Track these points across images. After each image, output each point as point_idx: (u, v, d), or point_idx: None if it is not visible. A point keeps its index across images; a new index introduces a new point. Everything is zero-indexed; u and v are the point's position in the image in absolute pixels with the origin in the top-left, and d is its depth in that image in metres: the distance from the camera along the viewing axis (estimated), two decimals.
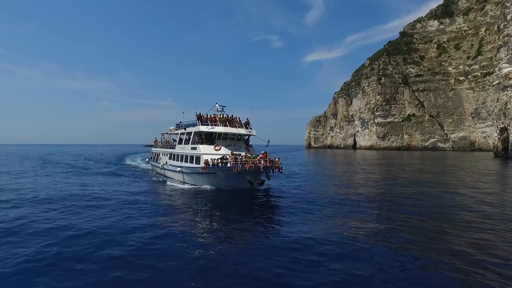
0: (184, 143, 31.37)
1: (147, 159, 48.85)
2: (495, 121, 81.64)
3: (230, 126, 29.29)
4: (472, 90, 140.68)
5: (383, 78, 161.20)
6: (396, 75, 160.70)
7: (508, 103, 72.27)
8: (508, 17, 72.68)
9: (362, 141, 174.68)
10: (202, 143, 28.16)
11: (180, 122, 36.33)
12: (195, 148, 28.34)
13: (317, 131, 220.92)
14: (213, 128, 28.45)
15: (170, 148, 35.95)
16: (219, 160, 24.80)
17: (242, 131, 29.38)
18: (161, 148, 40.08)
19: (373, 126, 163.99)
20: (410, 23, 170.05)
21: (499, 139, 76.64)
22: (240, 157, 24.19)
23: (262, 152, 24.42)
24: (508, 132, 72.41)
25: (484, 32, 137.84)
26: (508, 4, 73.22)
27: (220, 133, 28.52)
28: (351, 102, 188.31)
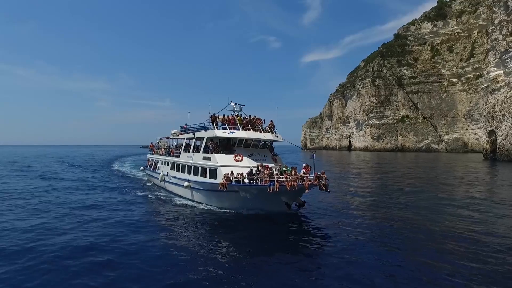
0: (193, 151, 25.50)
1: (141, 167, 41.68)
2: (484, 124, 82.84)
3: (253, 130, 23.56)
4: (465, 92, 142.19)
5: (377, 80, 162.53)
6: (390, 77, 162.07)
7: (496, 106, 73.40)
8: (496, 22, 73.82)
9: (357, 142, 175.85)
10: (217, 152, 22.58)
11: (186, 124, 30.38)
12: (208, 158, 22.60)
13: (313, 132, 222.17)
14: (232, 132, 22.77)
15: (173, 155, 29.78)
16: (246, 175, 19.19)
17: (268, 136, 23.71)
18: (160, 155, 33.69)
19: (367, 128, 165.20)
20: (404, 25, 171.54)
21: (487, 141, 77.81)
22: (276, 171, 19.19)
23: (304, 164, 19.58)
24: (496, 135, 73.53)
25: (477, 34, 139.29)
26: (495, 9, 74.38)
27: (241, 139, 22.92)
28: (346, 103, 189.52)
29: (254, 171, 19.56)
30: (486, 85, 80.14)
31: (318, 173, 18.17)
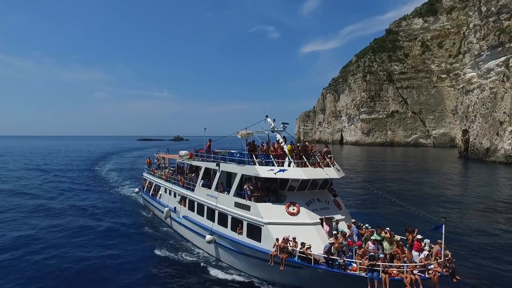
0: (216, 189, 18.04)
1: (136, 189, 32.61)
2: (459, 123, 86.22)
3: (308, 165, 15.65)
4: (453, 88, 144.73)
5: (368, 75, 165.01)
6: (381, 72, 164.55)
7: (469, 106, 76.59)
8: (471, 25, 76.40)
9: (348, 136, 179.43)
10: (259, 198, 15.36)
11: (210, 142, 21.47)
12: (246, 207, 15.54)
13: (306, 126, 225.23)
14: (283, 171, 15.02)
15: (183, 186, 21.73)
16: (326, 251, 11.96)
17: (332, 173, 15.84)
18: (163, 179, 25.56)
19: (358, 122, 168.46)
20: (396, 20, 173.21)
21: (461, 140, 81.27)
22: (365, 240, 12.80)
23: (420, 237, 12.20)
24: (469, 134, 76.93)
25: (466, 31, 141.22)
26: (470, 13, 76.86)
27: (295, 180, 15.23)
28: (339, 98, 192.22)
29: (338, 244, 12.41)
30: (462, 86, 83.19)
31: (440, 250, 10.88)
